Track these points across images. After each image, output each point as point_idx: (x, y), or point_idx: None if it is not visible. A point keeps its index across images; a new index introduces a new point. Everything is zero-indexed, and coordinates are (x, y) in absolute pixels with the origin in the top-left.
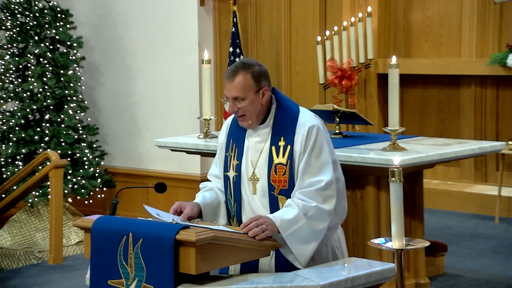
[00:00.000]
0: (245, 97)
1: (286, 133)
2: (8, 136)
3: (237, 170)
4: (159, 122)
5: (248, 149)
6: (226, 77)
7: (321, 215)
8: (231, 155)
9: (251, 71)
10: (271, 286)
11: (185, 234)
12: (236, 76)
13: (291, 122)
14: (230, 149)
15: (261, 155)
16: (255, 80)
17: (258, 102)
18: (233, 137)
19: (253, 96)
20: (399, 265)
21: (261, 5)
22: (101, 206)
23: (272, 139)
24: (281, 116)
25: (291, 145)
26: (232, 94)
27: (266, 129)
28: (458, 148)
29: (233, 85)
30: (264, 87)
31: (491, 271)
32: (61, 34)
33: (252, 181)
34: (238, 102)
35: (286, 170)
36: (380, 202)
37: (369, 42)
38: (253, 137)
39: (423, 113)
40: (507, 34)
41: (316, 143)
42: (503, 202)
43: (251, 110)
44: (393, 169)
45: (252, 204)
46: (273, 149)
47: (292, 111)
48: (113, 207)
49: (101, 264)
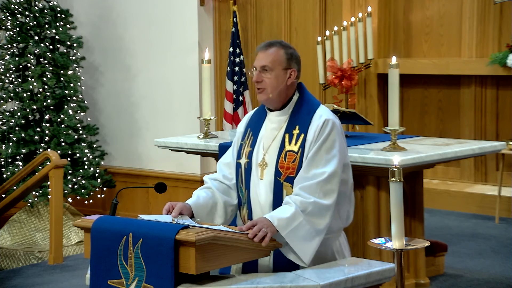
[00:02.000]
0: (273, 69)
1: (302, 122)
2: (8, 136)
3: (248, 157)
4: (159, 122)
5: (263, 137)
6: (261, 47)
7: (321, 211)
8: (246, 143)
9: (286, 49)
10: (271, 286)
11: (185, 234)
12: (271, 47)
13: (308, 113)
14: (246, 138)
15: (274, 142)
16: (287, 58)
17: (283, 81)
18: (252, 127)
19: (280, 71)
20: (399, 265)
21: (261, 5)
22: (101, 206)
23: (287, 127)
24: (300, 106)
25: (304, 134)
26: (262, 63)
27: (283, 116)
28: (458, 148)
29: (266, 54)
30: (293, 68)
31: (491, 271)
32: (61, 34)
33: (261, 166)
34: (264, 72)
35: (296, 158)
36: (380, 202)
37: (369, 42)
38: (270, 123)
39: (423, 113)
40: (507, 34)
41: (329, 136)
42: (503, 202)
43: (274, 84)
44: (393, 169)
45: (257, 190)
46: (286, 136)
47: (312, 104)
48: (113, 207)
49: (101, 264)
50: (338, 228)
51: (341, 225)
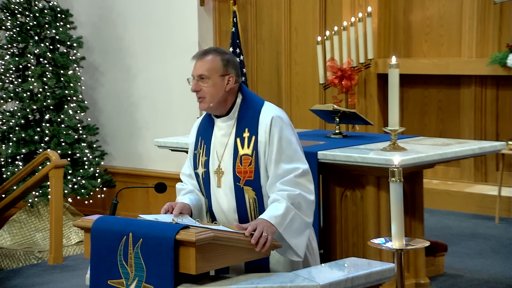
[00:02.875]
0: (209, 77)
1: (250, 124)
2: (8, 136)
3: (205, 166)
4: (159, 122)
5: (215, 144)
6: (196, 56)
7: (307, 204)
8: (199, 152)
9: (221, 55)
10: (271, 286)
11: (185, 234)
12: (207, 55)
13: (254, 113)
14: (198, 147)
15: (226, 148)
16: (223, 64)
17: (222, 88)
18: (202, 135)
19: (218, 78)
20: (399, 265)
21: (261, 5)
22: (101, 206)
23: (237, 131)
24: (245, 108)
25: (255, 135)
26: (198, 72)
27: (230, 121)
28: (458, 148)
29: (202, 63)
30: (230, 74)
31: (491, 271)
32: (61, 34)
33: (217, 174)
34: (202, 81)
35: (252, 161)
36: (380, 202)
37: (369, 42)
38: (218, 130)
39: (423, 113)
40: (507, 34)
41: (282, 132)
42: (503, 202)
43: (213, 93)
44: (393, 169)
45: (218, 197)
46: (238, 141)
47: (256, 103)
48: (113, 207)
49: (101, 264)
50: None
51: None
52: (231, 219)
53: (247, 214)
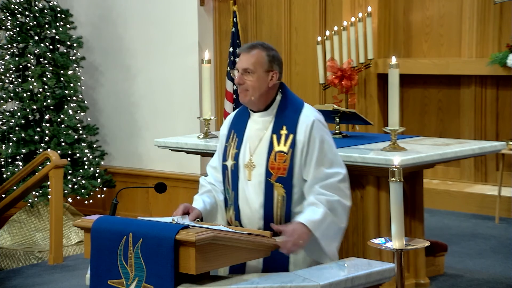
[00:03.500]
0: (254, 71)
1: (289, 122)
2: (8, 136)
3: (235, 159)
4: (159, 122)
5: (248, 137)
6: (243, 49)
7: (343, 210)
8: (230, 145)
9: (267, 51)
10: (271, 286)
11: (185, 234)
12: (253, 50)
13: (294, 112)
14: (230, 139)
15: (261, 143)
16: (268, 60)
17: (265, 83)
18: (235, 128)
19: (262, 73)
20: (399, 265)
21: (261, 5)
22: (101, 206)
23: (274, 127)
24: (284, 106)
25: (293, 134)
26: (244, 65)
27: (268, 117)
28: (458, 148)
29: (247, 57)
30: (275, 70)
31: (491, 271)
32: (61, 34)
33: (248, 167)
34: (247, 75)
35: (287, 159)
36: (380, 202)
37: (369, 42)
38: (254, 124)
39: (423, 113)
40: (507, 34)
41: (324, 136)
42: (503, 202)
43: (256, 87)
44: (393, 169)
45: (246, 191)
46: (274, 137)
47: (297, 103)
48: (113, 207)
49: (101, 264)
50: None
51: None
52: (256, 214)
53: (272, 210)
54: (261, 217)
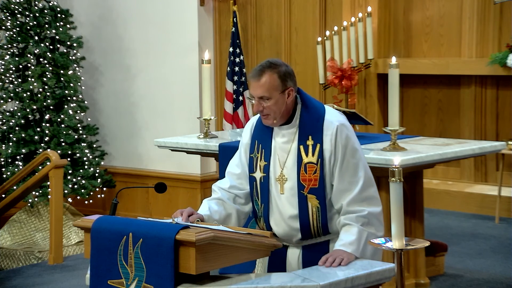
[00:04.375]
0: (271, 97)
1: (314, 132)
2: (8, 136)
3: (265, 171)
4: (159, 122)
5: (276, 150)
6: (252, 76)
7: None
8: (257, 156)
9: (277, 71)
10: (271, 286)
11: (185, 234)
12: (263, 76)
13: (317, 121)
14: (256, 150)
15: (289, 155)
16: (281, 80)
17: (283, 102)
18: (258, 138)
19: (278, 96)
20: (399, 265)
21: (261, 5)
22: (101, 206)
23: (300, 139)
24: (307, 115)
25: (320, 143)
26: (258, 94)
27: (292, 129)
28: (458, 148)
29: (259, 85)
30: (290, 87)
31: (491, 271)
32: (61, 34)
33: (280, 181)
34: (264, 101)
35: (317, 169)
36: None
37: (369, 42)
38: (279, 137)
39: (423, 113)
40: (507, 34)
41: (349, 142)
42: (503, 202)
43: (276, 110)
44: (393, 169)
45: (279, 204)
46: (301, 148)
47: (318, 110)
48: (113, 207)
49: (101, 264)
50: None
51: None
52: (292, 227)
53: (309, 222)
54: (298, 229)
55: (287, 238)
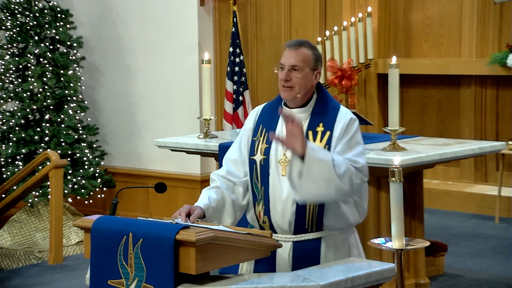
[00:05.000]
0: (302, 69)
1: (327, 119)
2: (8, 136)
3: (265, 153)
4: (159, 122)
5: (281, 133)
6: (291, 45)
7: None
8: (259, 139)
9: (314, 50)
10: (271, 286)
11: (185, 234)
12: (301, 47)
13: (332, 111)
14: (259, 134)
15: None
16: (315, 59)
17: (310, 81)
18: (263, 123)
19: (308, 71)
20: (399, 265)
21: (261, 5)
22: (101, 206)
23: (310, 124)
24: (321, 105)
25: (330, 131)
26: (292, 62)
27: (304, 114)
28: (458, 148)
29: (296, 53)
30: (319, 70)
31: (491, 271)
32: (61, 34)
33: (282, 163)
34: (294, 72)
35: None
36: (380, 202)
37: (369, 42)
38: None
39: (423, 113)
40: (507, 34)
41: (356, 134)
42: (503, 202)
43: (302, 84)
44: (393, 169)
45: (278, 186)
46: (309, 133)
47: (334, 103)
48: (113, 207)
49: (101, 264)
50: (355, 222)
51: (358, 219)
52: (289, 210)
53: (305, 206)
54: (293, 213)
55: (282, 224)
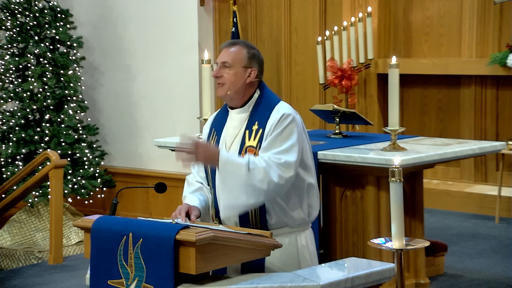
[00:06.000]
0: (232, 66)
1: (261, 118)
2: (8, 136)
3: None
4: (158, 122)
5: (225, 135)
6: (225, 45)
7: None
8: (210, 142)
9: (248, 49)
10: (271, 286)
11: (185, 234)
12: (233, 46)
13: (267, 109)
14: (211, 138)
15: (235, 139)
16: (248, 57)
17: (242, 78)
18: (215, 126)
19: (240, 69)
20: (399, 265)
21: (261, 5)
22: (101, 206)
23: (248, 124)
24: (260, 103)
25: (263, 128)
26: (223, 59)
27: (244, 114)
28: (458, 148)
29: (227, 52)
30: (253, 68)
31: (491, 271)
32: (61, 34)
33: None
34: (224, 68)
35: (255, 153)
36: (380, 202)
37: (369, 42)
38: (230, 121)
39: (423, 113)
40: (507, 34)
41: (285, 129)
42: (503, 202)
43: (233, 81)
44: (393, 169)
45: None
46: (246, 133)
47: (272, 100)
48: (113, 207)
49: (101, 264)
50: (302, 221)
51: (305, 217)
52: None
53: None
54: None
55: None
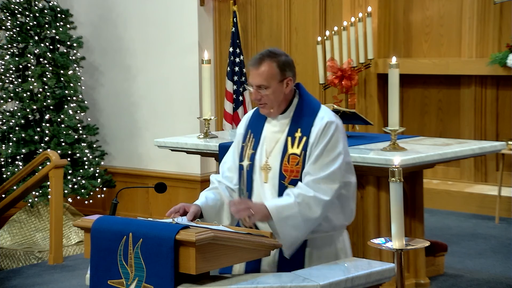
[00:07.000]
0: (269, 86)
1: (304, 124)
2: (8, 136)
3: (251, 159)
4: (158, 122)
5: (265, 139)
6: (252, 64)
7: (317, 205)
8: (247, 145)
9: (276, 60)
10: (271, 286)
11: (185, 234)
12: (262, 64)
13: (310, 115)
14: (247, 140)
15: (277, 145)
16: (280, 69)
17: (281, 92)
18: (252, 128)
19: (276, 85)
20: (399, 265)
21: (261, 5)
22: (101, 206)
23: (290, 130)
24: (301, 108)
25: (307, 136)
26: (256, 82)
27: (285, 120)
28: (458, 148)
29: (258, 73)
30: (288, 77)
31: (491, 271)
32: (61, 34)
33: (264, 170)
34: (262, 90)
35: (299, 161)
36: (380, 202)
37: (369, 42)
38: (271, 126)
39: (423, 113)
40: (507, 34)
41: (332, 138)
42: (503, 202)
43: (274, 99)
44: (393, 169)
45: (261, 193)
46: (289, 139)
47: (313, 106)
48: (113, 207)
49: (101, 264)
50: (341, 225)
51: (344, 222)
52: None
53: None
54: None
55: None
